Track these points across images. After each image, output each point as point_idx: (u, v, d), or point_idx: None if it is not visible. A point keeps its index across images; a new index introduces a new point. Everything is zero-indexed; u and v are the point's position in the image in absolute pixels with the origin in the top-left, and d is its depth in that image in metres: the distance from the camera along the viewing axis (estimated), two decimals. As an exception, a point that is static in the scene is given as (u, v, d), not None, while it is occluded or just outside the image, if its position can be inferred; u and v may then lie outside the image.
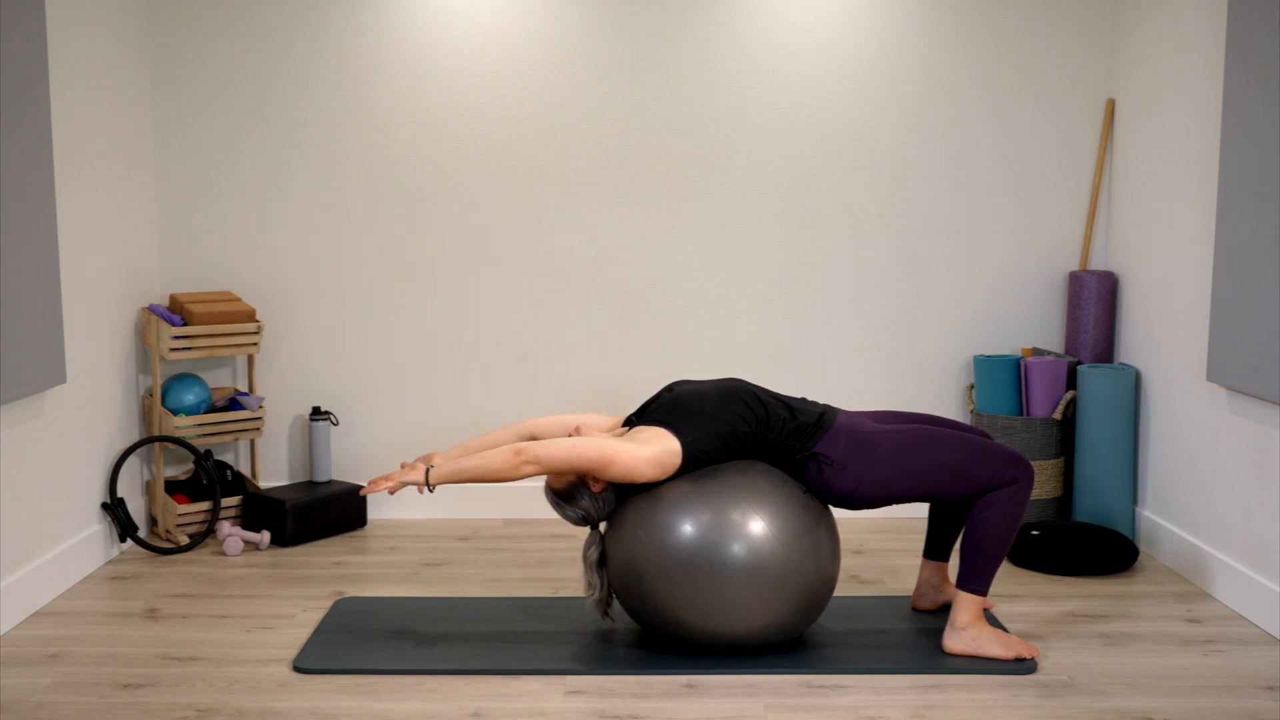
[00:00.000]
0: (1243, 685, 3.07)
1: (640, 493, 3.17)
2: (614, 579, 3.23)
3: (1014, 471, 3.16)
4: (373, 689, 3.05)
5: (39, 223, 3.56)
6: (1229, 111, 3.61)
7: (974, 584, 3.19)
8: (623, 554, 3.18)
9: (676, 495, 3.12)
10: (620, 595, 3.25)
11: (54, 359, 3.64)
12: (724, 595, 3.07)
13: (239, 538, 4.22)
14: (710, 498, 3.10)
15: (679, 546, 3.07)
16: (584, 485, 3.17)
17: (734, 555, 3.05)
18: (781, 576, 3.08)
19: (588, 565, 3.26)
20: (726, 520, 3.07)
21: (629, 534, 3.16)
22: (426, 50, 4.52)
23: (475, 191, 4.59)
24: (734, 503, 3.09)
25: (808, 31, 4.53)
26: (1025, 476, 3.17)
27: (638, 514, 3.15)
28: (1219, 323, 3.66)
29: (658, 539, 3.09)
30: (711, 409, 3.16)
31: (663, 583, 3.10)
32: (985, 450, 3.18)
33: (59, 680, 3.10)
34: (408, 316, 4.64)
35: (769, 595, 3.08)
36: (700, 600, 3.08)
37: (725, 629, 3.12)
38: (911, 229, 4.61)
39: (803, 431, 3.19)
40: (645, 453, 3.07)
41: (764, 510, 3.10)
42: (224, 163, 4.57)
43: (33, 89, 3.52)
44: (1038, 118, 4.57)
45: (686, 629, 3.14)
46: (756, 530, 3.07)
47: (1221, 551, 3.75)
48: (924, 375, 4.67)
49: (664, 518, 3.11)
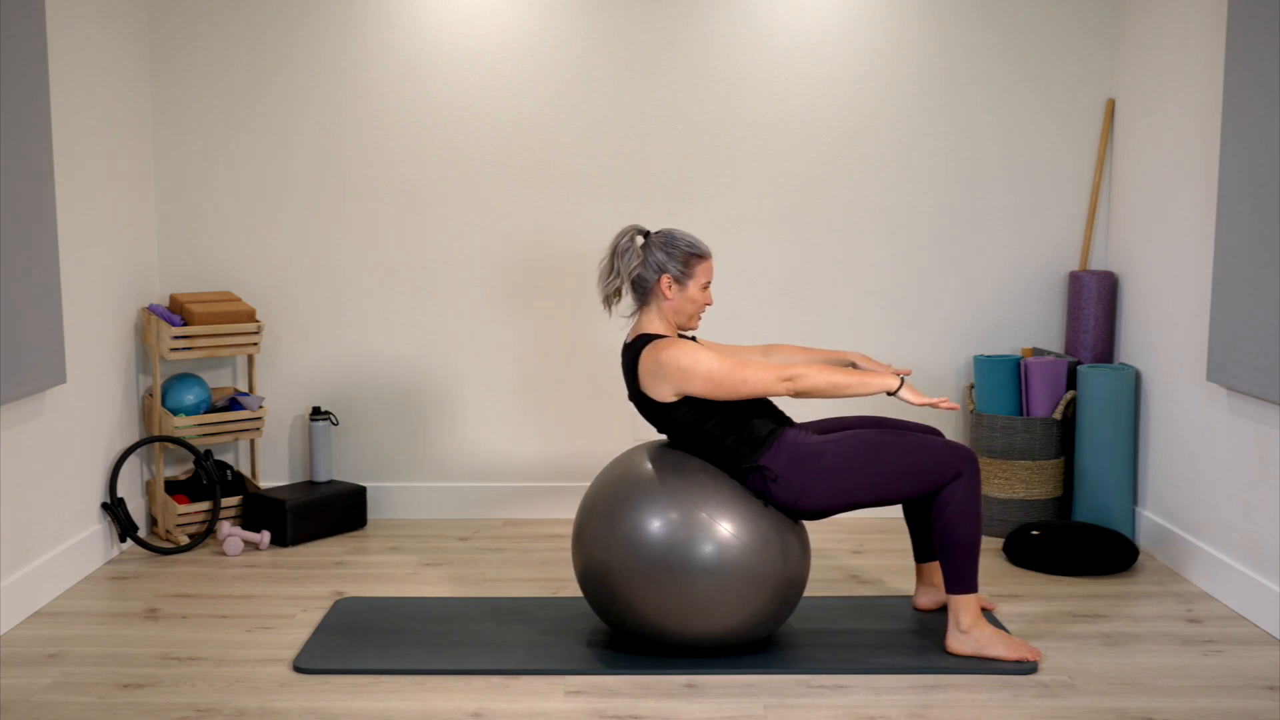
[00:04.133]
0: (1243, 685, 3.07)
1: (610, 492, 3.20)
2: (583, 580, 3.25)
3: (957, 465, 3.16)
4: (373, 689, 3.05)
5: (39, 223, 3.56)
6: (1229, 111, 3.61)
7: (961, 585, 3.19)
8: (591, 554, 3.19)
9: (645, 495, 3.13)
10: (588, 595, 3.25)
11: (54, 359, 3.64)
12: (692, 595, 3.07)
13: (239, 538, 4.22)
14: (678, 498, 3.11)
15: (647, 546, 3.08)
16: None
17: (702, 555, 3.06)
18: (750, 577, 3.08)
19: (617, 254, 3.26)
20: (695, 520, 3.08)
21: (595, 535, 3.17)
22: (426, 50, 4.52)
23: (475, 191, 4.59)
24: (702, 503, 3.10)
25: (808, 31, 4.53)
26: (968, 467, 3.17)
27: (605, 514, 3.17)
28: (1219, 323, 3.66)
29: (627, 538, 3.10)
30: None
31: (631, 582, 3.10)
32: (925, 448, 3.18)
33: (59, 680, 3.10)
34: (408, 316, 4.63)
35: (737, 595, 3.08)
36: (668, 600, 3.08)
37: (693, 629, 3.11)
38: (912, 229, 4.61)
39: (754, 442, 3.20)
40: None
41: (732, 510, 3.11)
42: (224, 162, 4.57)
43: (33, 89, 3.53)
44: (1038, 118, 4.57)
45: (654, 628, 3.14)
46: (724, 531, 3.08)
47: (1221, 551, 3.75)
48: (924, 375, 4.66)
49: (633, 518, 3.11)
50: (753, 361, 3.16)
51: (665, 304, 3.26)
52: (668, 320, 3.28)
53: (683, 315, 3.28)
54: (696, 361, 3.12)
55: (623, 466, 3.27)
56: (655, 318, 3.28)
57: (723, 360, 3.14)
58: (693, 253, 3.24)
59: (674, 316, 3.28)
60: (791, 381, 3.12)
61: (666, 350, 3.15)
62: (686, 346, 3.16)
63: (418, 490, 4.70)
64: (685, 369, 3.12)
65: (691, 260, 3.24)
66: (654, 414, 3.25)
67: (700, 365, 3.12)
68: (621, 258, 3.25)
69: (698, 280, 3.25)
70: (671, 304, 3.26)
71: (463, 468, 4.70)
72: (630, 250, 3.25)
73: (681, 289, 3.24)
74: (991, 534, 4.42)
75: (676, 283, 3.24)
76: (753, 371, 3.13)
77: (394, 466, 4.70)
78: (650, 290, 3.26)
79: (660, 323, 3.28)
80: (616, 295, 3.30)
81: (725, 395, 3.13)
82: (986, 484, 4.40)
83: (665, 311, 3.27)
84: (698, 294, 3.26)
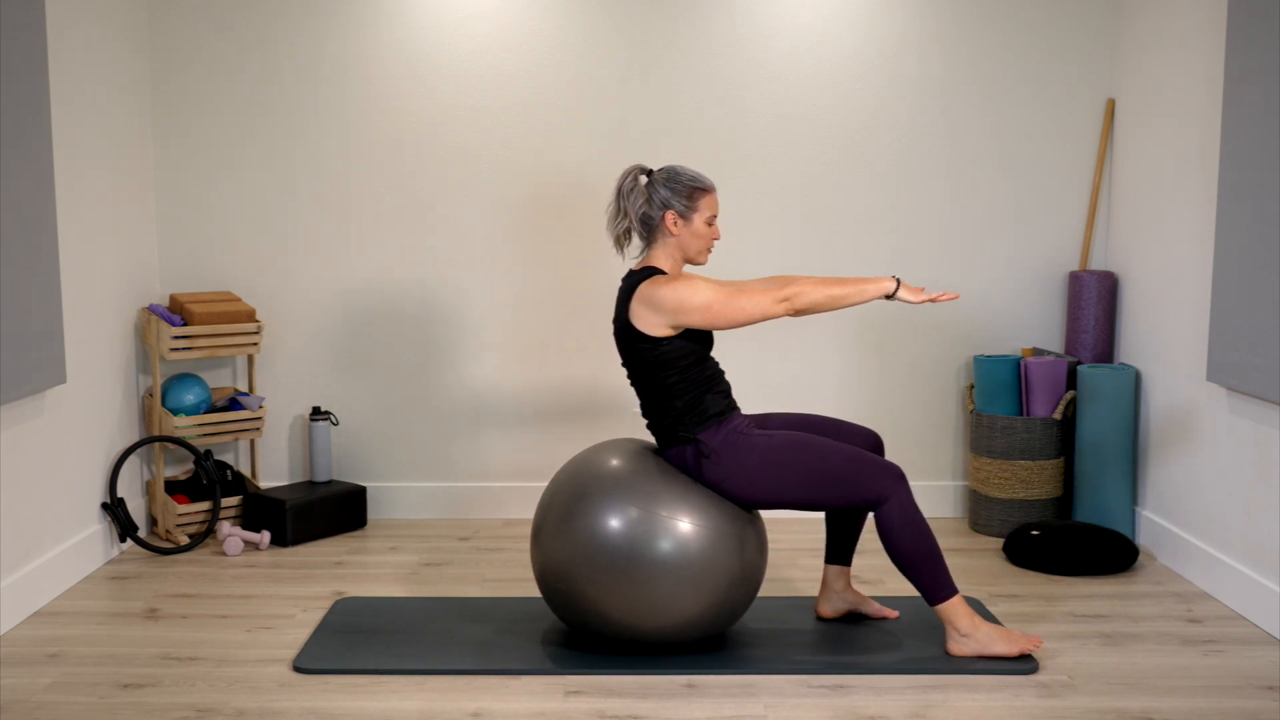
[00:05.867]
0: (1243, 685, 3.07)
1: (572, 487, 3.21)
2: (541, 578, 3.25)
3: (882, 487, 3.13)
4: (373, 689, 3.05)
5: (39, 223, 3.56)
6: (1229, 111, 3.61)
7: (940, 594, 3.18)
8: (550, 552, 3.19)
9: (603, 492, 3.14)
10: (546, 593, 3.26)
11: (54, 359, 3.64)
12: (650, 591, 3.07)
13: (239, 538, 4.22)
14: (636, 495, 3.12)
15: (606, 541, 3.08)
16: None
17: (660, 551, 3.06)
18: (710, 572, 3.09)
19: (621, 193, 3.26)
20: (654, 516, 3.09)
21: (554, 533, 3.18)
22: (426, 50, 4.52)
23: (475, 191, 4.59)
24: (661, 499, 3.11)
25: (808, 31, 4.53)
26: (894, 492, 3.13)
27: (565, 510, 3.18)
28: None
29: (584, 535, 3.11)
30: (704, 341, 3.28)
31: (590, 578, 3.10)
32: (856, 460, 3.16)
33: (59, 680, 3.10)
34: (408, 316, 4.63)
35: (694, 591, 3.09)
36: (625, 596, 3.08)
37: (649, 624, 3.12)
38: (912, 229, 4.61)
39: (700, 414, 3.20)
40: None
41: (690, 507, 3.12)
42: (224, 162, 4.57)
43: (33, 88, 3.52)
44: (1038, 118, 4.57)
45: (612, 624, 3.14)
46: (684, 528, 3.09)
47: (1221, 551, 3.75)
48: (924, 375, 4.67)
49: (591, 515, 3.12)
50: (748, 286, 3.15)
51: (672, 240, 3.25)
52: (675, 258, 3.28)
53: (690, 250, 3.27)
54: (695, 291, 3.12)
55: (578, 464, 3.28)
56: (662, 255, 3.27)
57: (719, 289, 3.13)
58: (696, 186, 3.24)
59: (682, 253, 3.27)
60: (789, 300, 3.11)
61: (667, 284, 3.15)
62: (686, 279, 3.15)
63: (418, 490, 4.70)
64: (682, 300, 3.12)
65: (695, 194, 3.23)
66: (629, 344, 3.23)
67: (698, 296, 3.11)
68: (627, 197, 3.26)
69: (702, 214, 3.24)
70: (678, 240, 3.25)
71: (463, 468, 4.70)
72: (635, 189, 3.25)
73: (687, 224, 3.23)
74: (991, 534, 4.42)
75: (681, 218, 3.23)
76: (748, 297, 3.12)
77: (394, 466, 4.70)
78: (656, 228, 3.25)
79: (668, 260, 3.27)
80: (626, 236, 3.31)
81: (725, 324, 3.13)
82: (987, 484, 4.40)
83: (672, 248, 3.26)
84: (703, 229, 3.25)
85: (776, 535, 4.43)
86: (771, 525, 4.58)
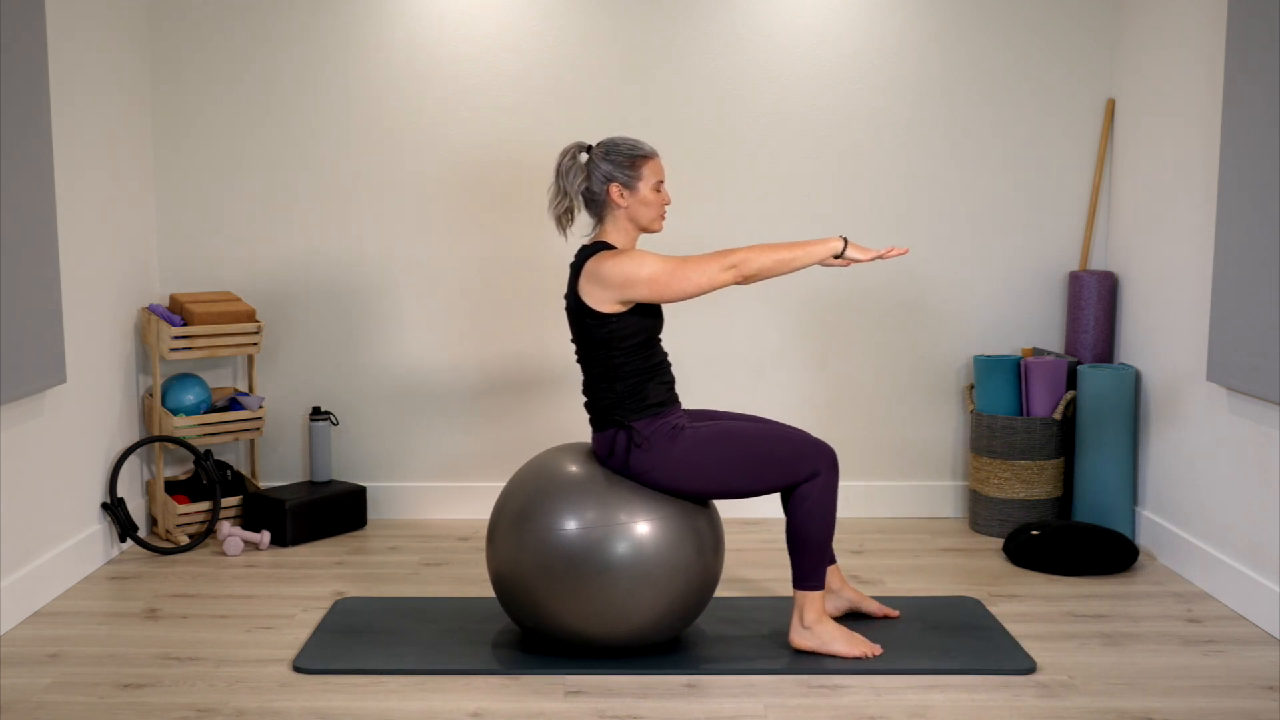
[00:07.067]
0: (1243, 685, 3.07)
1: (531, 489, 3.21)
2: (496, 581, 3.24)
3: (815, 463, 3.15)
4: (373, 689, 3.05)
5: (39, 223, 3.56)
6: (1229, 111, 3.61)
7: (809, 582, 3.21)
8: (504, 555, 3.18)
9: (560, 494, 3.13)
10: (502, 598, 3.25)
11: (54, 359, 3.64)
12: (606, 594, 3.07)
13: (239, 538, 4.22)
14: (593, 498, 3.11)
15: (562, 545, 3.08)
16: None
17: (617, 554, 3.06)
18: (669, 573, 3.09)
19: (560, 173, 3.24)
20: (613, 519, 3.09)
21: (507, 534, 3.17)
22: (427, 49, 4.52)
23: (475, 191, 4.59)
24: (618, 502, 3.11)
25: (808, 31, 4.53)
26: (825, 466, 3.15)
27: (523, 511, 3.17)
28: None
29: (539, 537, 3.10)
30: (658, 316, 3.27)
31: (545, 582, 3.10)
32: (786, 440, 3.16)
33: (59, 680, 3.10)
34: (408, 316, 4.64)
35: (652, 593, 3.09)
36: (581, 600, 3.07)
37: (606, 628, 3.11)
38: (912, 229, 4.61)
39: (639, 402, 3.19)
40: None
41: (647, 508, 3.11)
42: (224, 162, 4.57)
43: (33, 89, 3.52)
44: (1038, 118, 4.57)
45: (567, 629, 3.14)
46: (641, 530, 3.09)
47: (1221, 551, 3.75)
48: (924, 375, 4.67)
49: (546, 517, 3.11)
50: (694, 258, 3.13)
51: (620, 212, 3.23)
52: (628, 230, 3.25)
53: (643, 219, 3.24)
54: (640, 265, 3.10)
55: (534, 468, 3.27)
56: (614, 229, 3.25)
57: (665, 261, 3.11)
58: (637, 154, 3.22)
59: (634, 224, 3.25)
60: (736, 268, 3.10)
61: (613, 258, 3.13)
62: (632, 253, 3.14)
63: (418, 490, 4.70)
64: (628, 273, 3.10)
65: (637, 162, 3.21)
66: (578, 321, 3.21)
67: (644, 269, 3.10)
68: (566, 176, 3.24)
69: (647, 181, 3.22)
70: (627, 211, 3.23)
71: (463, 468, 4.70)
72: (574, 167, 3.23)
73: (633, 194, 3.21)
74: (991, 534, 4.42)
75: (626, 188, 3.21)
76: (694, 267, 3.10)
77: (394, 466, 4.71)
78: (603, 203, 3.23)
79: (620, 234, 3.25)
80: (568, 216, 3.28)
81: (673, 295, 3.11)
82: (987, 484, 4.40)
83: (623, 221, 3.24)
84: (650, 195, 3.22)
85: (777, 535, 4.43)
86: (773, 525, 4.58)
